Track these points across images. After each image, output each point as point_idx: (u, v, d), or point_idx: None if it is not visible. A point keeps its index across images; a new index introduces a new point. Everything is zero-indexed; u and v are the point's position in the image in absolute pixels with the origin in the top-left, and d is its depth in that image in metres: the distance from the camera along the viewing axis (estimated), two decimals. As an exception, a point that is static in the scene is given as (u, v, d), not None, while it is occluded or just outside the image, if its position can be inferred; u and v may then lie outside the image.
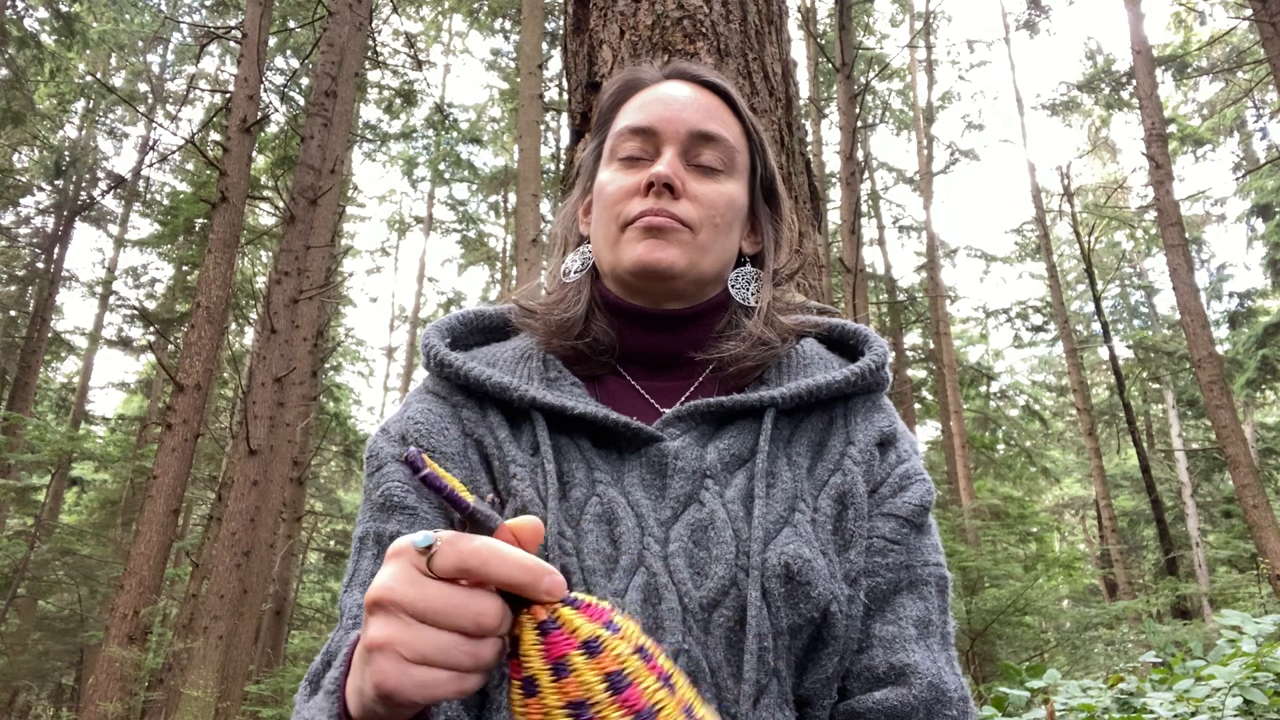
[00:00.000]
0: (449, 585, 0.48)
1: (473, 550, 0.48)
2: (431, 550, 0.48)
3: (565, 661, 0.47)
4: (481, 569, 0.47)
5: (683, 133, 0.87)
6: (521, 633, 0.48)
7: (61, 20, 15.14)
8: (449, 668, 0.48)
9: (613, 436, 0.81)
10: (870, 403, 0.88)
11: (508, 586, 0.48)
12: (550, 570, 0.49)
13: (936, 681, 0.75)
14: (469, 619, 0.48)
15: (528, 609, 0.49)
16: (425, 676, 0.47)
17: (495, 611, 0.48)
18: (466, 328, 0.95)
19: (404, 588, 0.48)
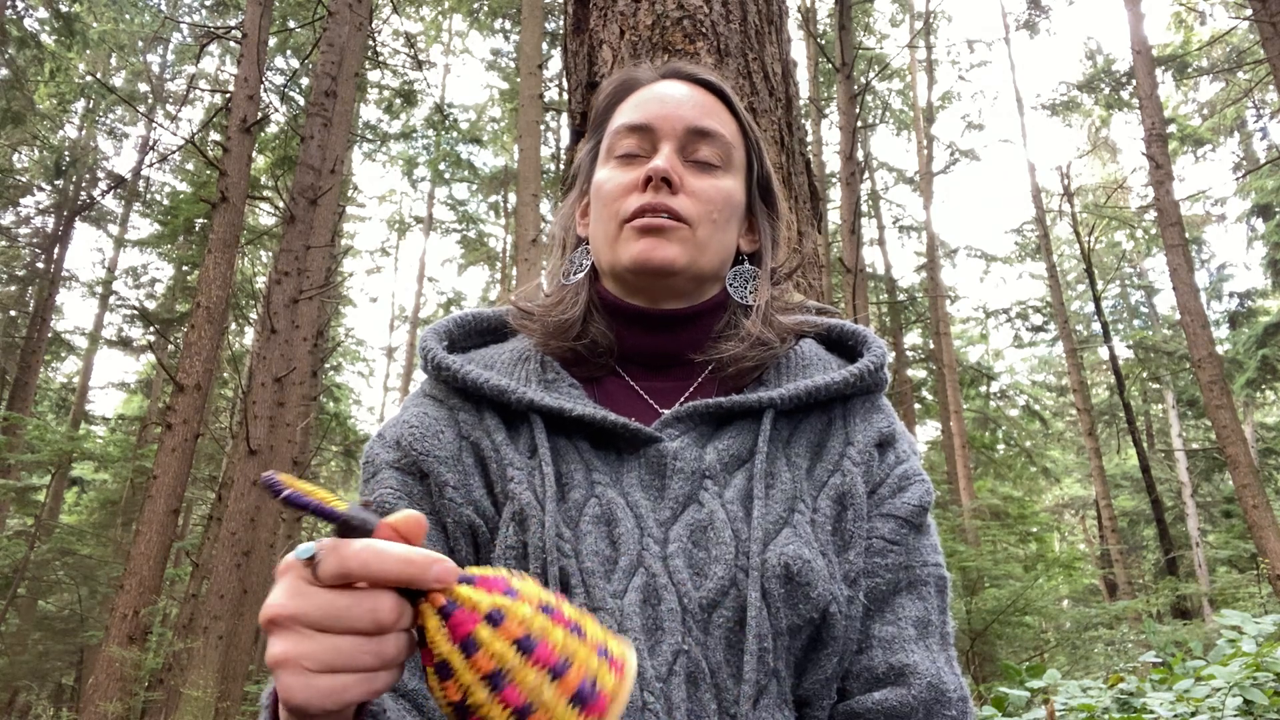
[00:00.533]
0: (339, 590, 0.48)
1: (353, 553, 0.48)
2: (315, 560, 0.49)
3: (472, 638, 0.48)
4: (363, 570, 0.48)
5: (679, 129, 0.87)
6: (425, 621, 0.49)
7: (61, 20, 15.14)
8: (354, 670, 0.48)
9: (611, 438, 0.81)
10: (869, 403, 0.88)
11: (393, 582, 0.48)
12: (437, 558, 0.49)
13: (936, 682, 0.75)
14: (364, 618, 0.48)
15: (425, 597, 0.49)
16: (331, 683, 0.47)
17: (390, 606, 0.48)
18: (464, 330, 0.94)
19: (294, 600, 0.48)
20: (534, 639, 0.48)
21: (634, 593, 0.73)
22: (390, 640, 0.49)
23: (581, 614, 0.52)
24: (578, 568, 0.74)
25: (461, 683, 0.48)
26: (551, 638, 0.49)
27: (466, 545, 0.78)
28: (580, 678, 0.48)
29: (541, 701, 0.47)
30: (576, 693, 0.48)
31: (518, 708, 0.47)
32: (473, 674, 0.48)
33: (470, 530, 0.78)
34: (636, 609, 0.72)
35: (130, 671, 7.71)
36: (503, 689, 0.47)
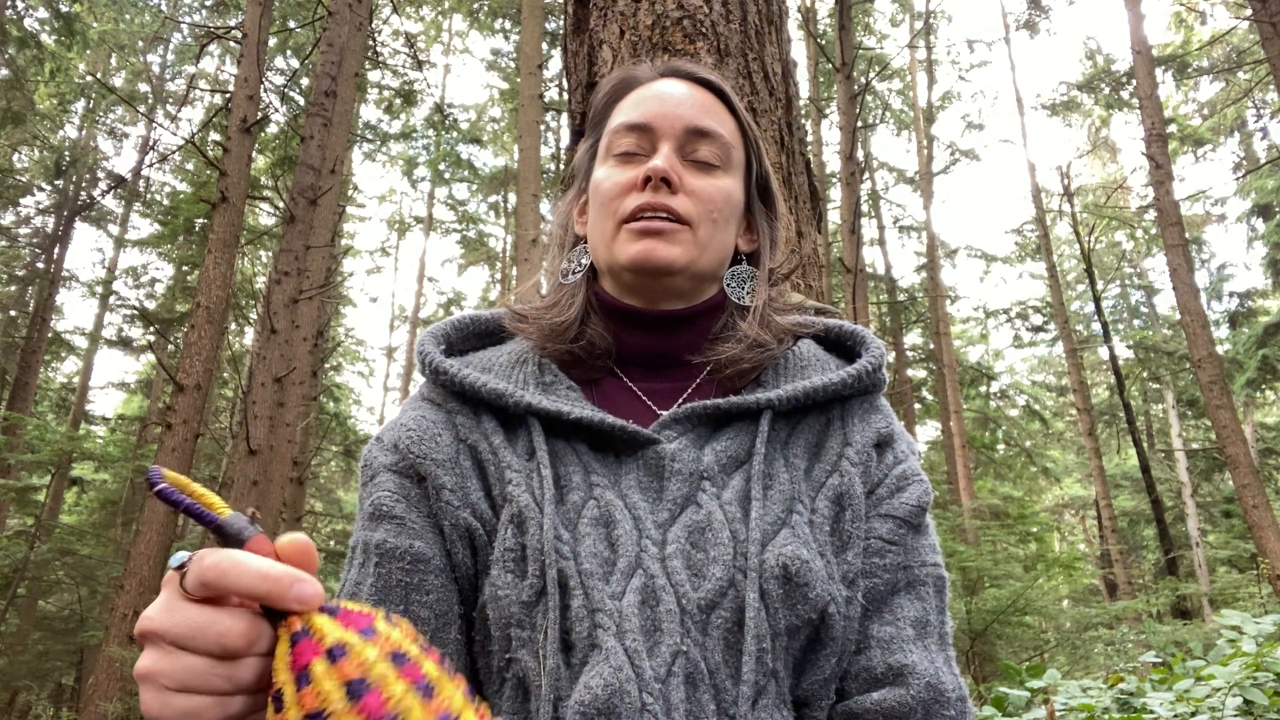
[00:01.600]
0: (200, 606, 0.47)
1: (211, 563, 0.46)
2: (183, 570, 0.47)
3: (307, 671, 0.45)
4: (219, 581, 0.46)
5: (678, 128, 0.87)
6: (278, 645, 0.47)
7: (61, 20, 15.14)
8: (207, 693, 0.46)
9: (609, 440, 0.81)
10: (867, 404, 0.88)
11: (249, 597, 0.46)
12: (302, 578, 0.47)
13: (934, 682, 0.75)
14: (212, 641, 0.46)
15: (285, 621, 0.47)
16: (184, 704, 0.46)
17: (239, 631, 0.46)
18: (462, 333, 0.94)
19: (160, 615, 0.47)
20: (368, 684, 0.45)
21: (632, 594, 0.73)
22: (245, 665, 0.47)
23: (445, 677, 0.49)
24: (576, 569, 0.74)
25: (288, 715, 0.45)
26: (388, 689, 0.45)
27: (464, 548, 0.78)
28: None
29: None
30: None
31: None
32: (297, 711, 0.45)
33: (468, 533, 0.78)
34: (635, 610, 0.72)
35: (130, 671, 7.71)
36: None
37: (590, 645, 0.71)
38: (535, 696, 0.71)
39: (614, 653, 0.69)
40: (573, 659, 0.71)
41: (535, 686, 0.71)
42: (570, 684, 0.70)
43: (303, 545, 0.49)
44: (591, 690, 0.68)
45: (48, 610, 16.44)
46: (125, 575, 8.01)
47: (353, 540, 0.81)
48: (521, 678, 0.73)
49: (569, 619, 0.72)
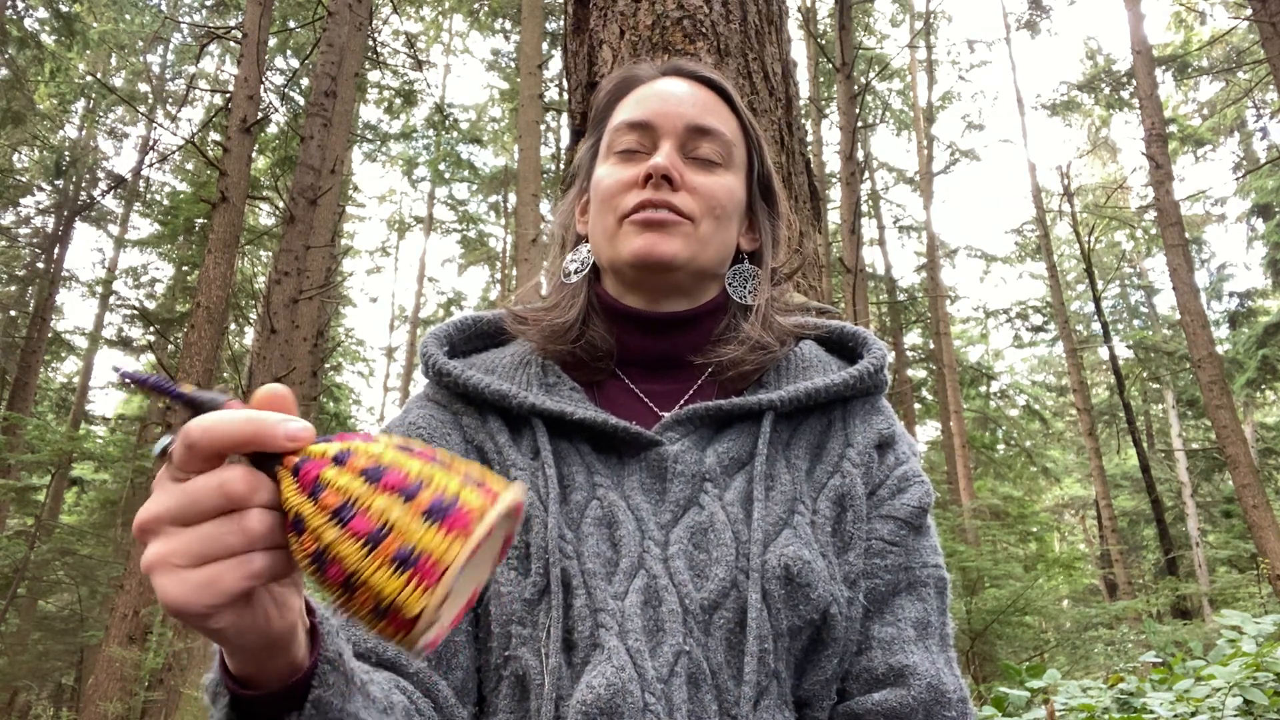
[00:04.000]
0: (194, 478, 0.45)
1: (195, 423, 0.45)
2: (168, 452, 0.46)
3: (318, 481, 0.44)
4: (205, 437, 0.44)
5: (680, 126, 0.87)
6: (281, 486, 0.46)
7: (61, 20, 15.13)
8: (223, 556, 0.44)
9: (612, 441, 0.81)
10: (869, 405, 0.88)
11: (241, 444, 0.45)
12: (288, 418, 0.46)
13: (935, 682, 0.75)
14: (214, 494, 0.44)
15: (281, 463, 0.46)
16: (203, 575, 0.44)
17: (238, 476, 0.45)
18: (464, 334, 0.95)
19: (155, 502, 0.46)
20: (383, 467, 0.45)
21: (635, 594, 0.73)
22: (253, 515, 0.45)
23: (456, 457, 0.48)
24: (579, 569, 0.74)
25: (312, 529, 0.44)
26: (405, 466, 0.45)
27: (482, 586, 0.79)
28: (436, 495, 0.44)
29: (392, 522, 0.43)
30: (431, 507, 0.44)
31: (368, 534, 0.43)
32: (321, 516, 0.44)
33: None
34: (638, 610, 0.72)
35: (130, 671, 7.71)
36: (350, 520, 0.43)
37: (593, 645, 0.71)
38: (535, 695, 0.71)
39: (616, 652, 0.70)
40: (574, 658, 0.72)
41: (535, 685, 0.71)
42: (572, 683, 0.70)
43: (279, 394, 0.48)
44: (594, 689, 0.68)
45: (48, 610, 16.44)
46: (125, 575, 8.01)
47: None
48: (521, 676, 0.73)
49: (571, 618, 0.72)
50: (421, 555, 0.43)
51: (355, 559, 0.43)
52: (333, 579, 0.44)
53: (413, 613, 0.43)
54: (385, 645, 0.71)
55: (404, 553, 0.43)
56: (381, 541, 0.43)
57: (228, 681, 0.53)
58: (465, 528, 0.44)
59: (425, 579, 0.43)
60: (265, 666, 0.51)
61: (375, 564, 0.43)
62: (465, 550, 0.44)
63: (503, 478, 0.49)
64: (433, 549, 0.43)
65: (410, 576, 0.43)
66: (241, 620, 0.46)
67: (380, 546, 0.43)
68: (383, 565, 0.43)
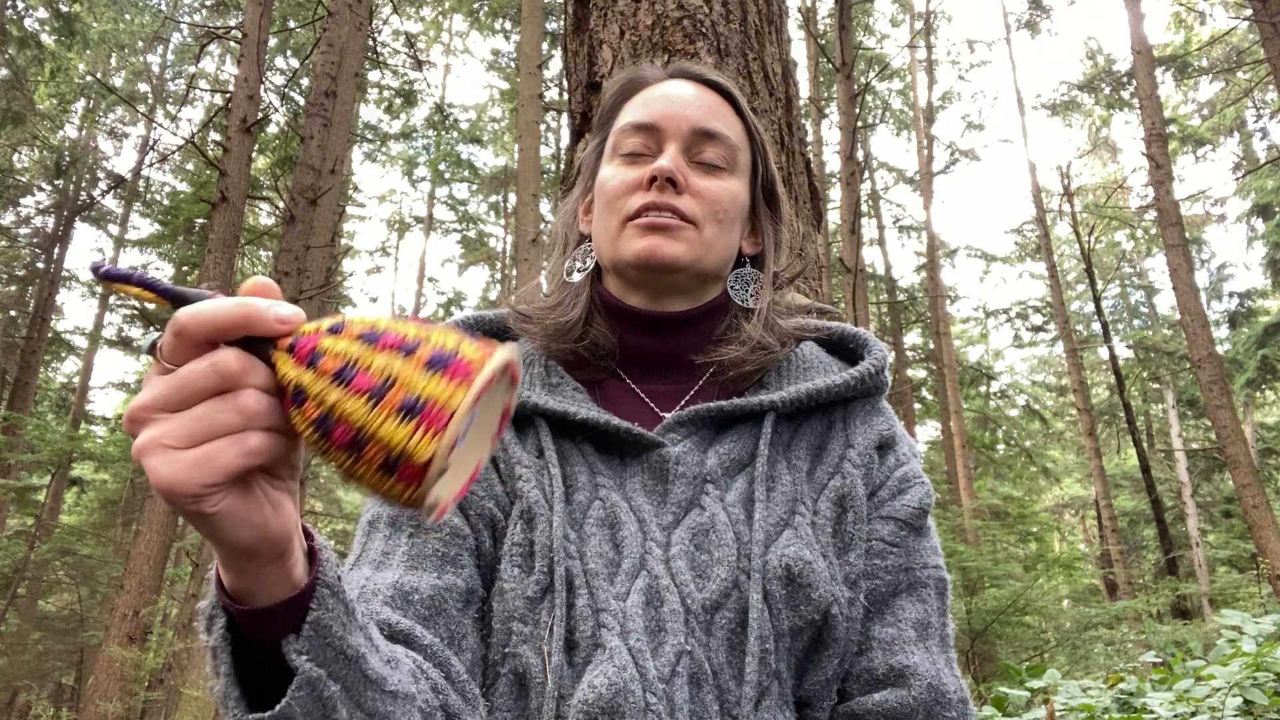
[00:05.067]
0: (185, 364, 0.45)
1: (183, 310, 0.44)
2: (157, 345, 0.46)
3: (316, 351, 0.44)
4: (194, 323, 0.44)
5: (685, 129, 0.87)
6: (277, 366, 0.45)
7: (61, 20, 15.13)
8: (219, 434, 0.44)
9: (615, 442, 0.82)
10: (869, 406, 0.88)
11: (231, 328, 0.44)
12: (278, 302, 0.46)
13: (935, 683, 0.75)
14: (207, 375, 0.44)
15: (274, 347, 0.46)
16: (198, 454, 0.43)
17: (230, 356, 0.44)
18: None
19: (145, 393, 0.45)
20: (379, 330, 0.45)
21: (637, 594, 0.73)
22: (248, 394, 0.44)
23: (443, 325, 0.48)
24: (582, 569, 0.74)
25: (314, 395, 0.44)
26: (401, 329, 0.45)
27: (488, 537, 0.79)
28: (435, 349, 0.45)
29: (394, 375, 0.43)
30: (432, 359, 0.44)
31: (372, 389, 0.43)
32: (322, 381, 0.44)
33: (491, 522, 0.79)
34: (639, 610, 0.72)
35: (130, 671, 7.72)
36: (352, 379, 0.43)
37: (594, 644, 0.71)
38: (535, 694, 0.72)
39: (618, 652, 0.70)
40: (576, 657, 0.72)
41: (535, 683, 0.72)
42: (573, 682, 0.71)
43: (266, 284, 0.47)
44: (596, 689, 0.68)
45: (48, 610, 16.45)
46: (125, 575, 8.01)
47: (370, 515, 0.81)
48: (520, 673, 0.73)
49: (573, 617, 0.73)
50: (427, 402, 0.43)
51: (361, 414, 0.43)
52: (339, 440, 0.44)
53: (424, 458, 0.43)
54: (397, 619, 0.70)
55: (409, 402, 0.43)
56: (386, 394, 0.43)
57: (224, 599, 0.51)
58: (468, 375, 0.44)
59: (433, 423, 0.43)
60: (261, 576, 0.50)
61: (381, 416, 0.43)
62: (470, 395, 0.44)
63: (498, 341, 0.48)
64: (437, 395, 0.43)
65: (418, 423, 0.43)
66: (235, 507, 0.45)
67: (385, 399, 0.43)
68: (389, 416, 0.43)
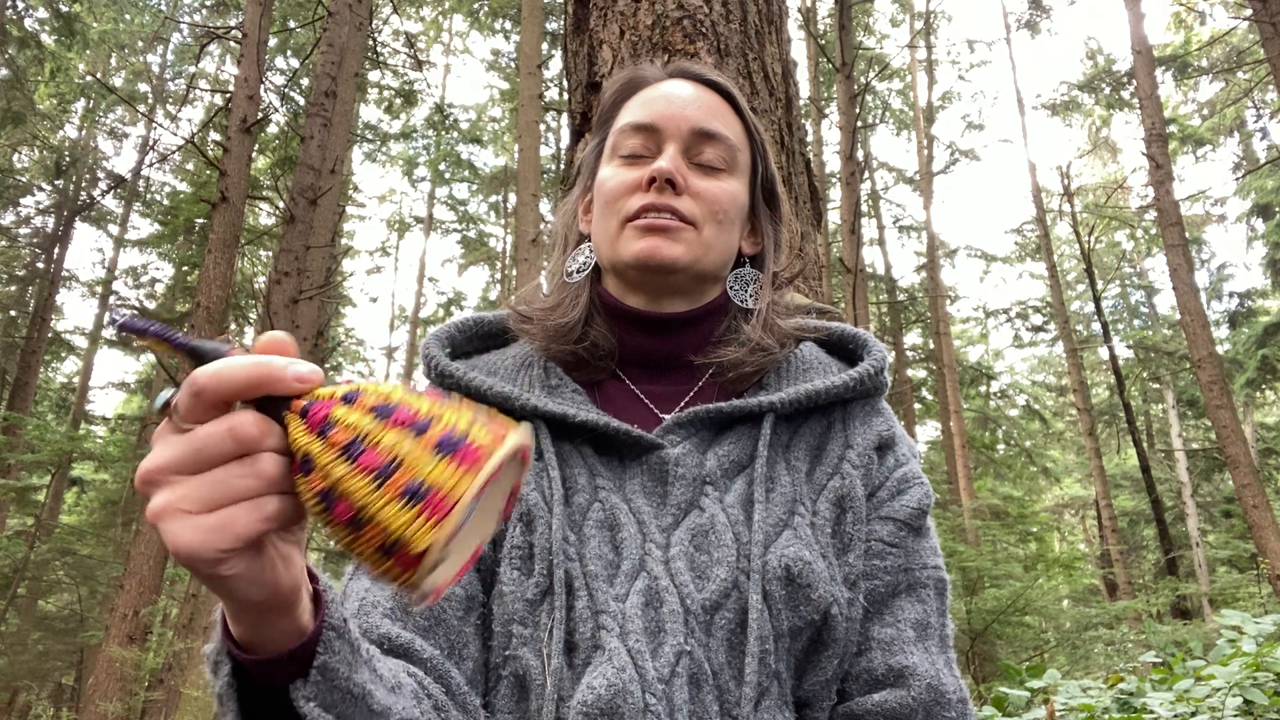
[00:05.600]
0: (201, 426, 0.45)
1: (201, 371, 0.44)
2: (172, 405, 0.45)
3: (328, 420, 0.44)
4: (212, 383, 0.44)
5: (685, 130, 0.87)
6: (289, 430, 0.45)
7: (61, 20, 15.13)
8: (237, 499, 0.44)
9: (614, 443, 0.82)
10: (869, 407, 0.88)
11: (249, 390, 0.44)
12: (295, 361, 0.46)
13: (935, 683, 0.75)
14: (225, 439, 0.44)
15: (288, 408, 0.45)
16: (216, 519, 0.43)
17: (249, 419, 0.44)
18: (466, 335, 0.95)
19: (160, 452, 0.45)
20: (392, 404, 0.44)
21: (636, 596, 0.73)
22: (266, 459, 0.45)
23: (464, 400, 0.48)
24: (581, 571, 0.74)
25: (321, 467, 0.43)
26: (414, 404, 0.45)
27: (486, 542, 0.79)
28: (446, 430, 0.44)
29: (401, 456, 0.43)
30: (441, 441, 0.43)
31: (378, 468, 0.43)
32: (330, 453, 0.43)
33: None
34: (638, 612, 0.72)
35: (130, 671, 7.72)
36: (359, 455, 0.43)
37: (594, 646, 0.71)
38: (535, 696, 0.72)
39: (617, 653, 0.70)
40: (576, 659, 0.72)
41: (535, 685, 0.72)
42: (573, 684, 0.71)
43: (282, 340, 0.47)
44: (595, 690, 0.68)
45: (48, 610, 16.45)
46: (125, 575, 8.01)
47: None
48: (520, 675, 0.73)
49: (573, 619, 0.73)
50: (431, 489, 0.42)
51: (364, 494, 0.43)
52: (340, 516, 0.43)
53: (420, 547, 0.42)
54: (397, 632, 0.70)
55: (413, 486, 0.42)
56: (391, 475, 0.42)
57: (230, 646, 0.52)
58: (475, 463, 0.43)
59: (435, 512, 0.42)
60: (270, 628, 0.50)
61: (384, 498, 0.42)
62: (476, 484, 0.43)
63: (511, 419, 0.48)
64: (442, 482, 0.43)
65: (420, 510, 0.42)
66: (251, 569, 0.45)
67: (390, 480, 0.42)
68: (392, 499, 0.42)
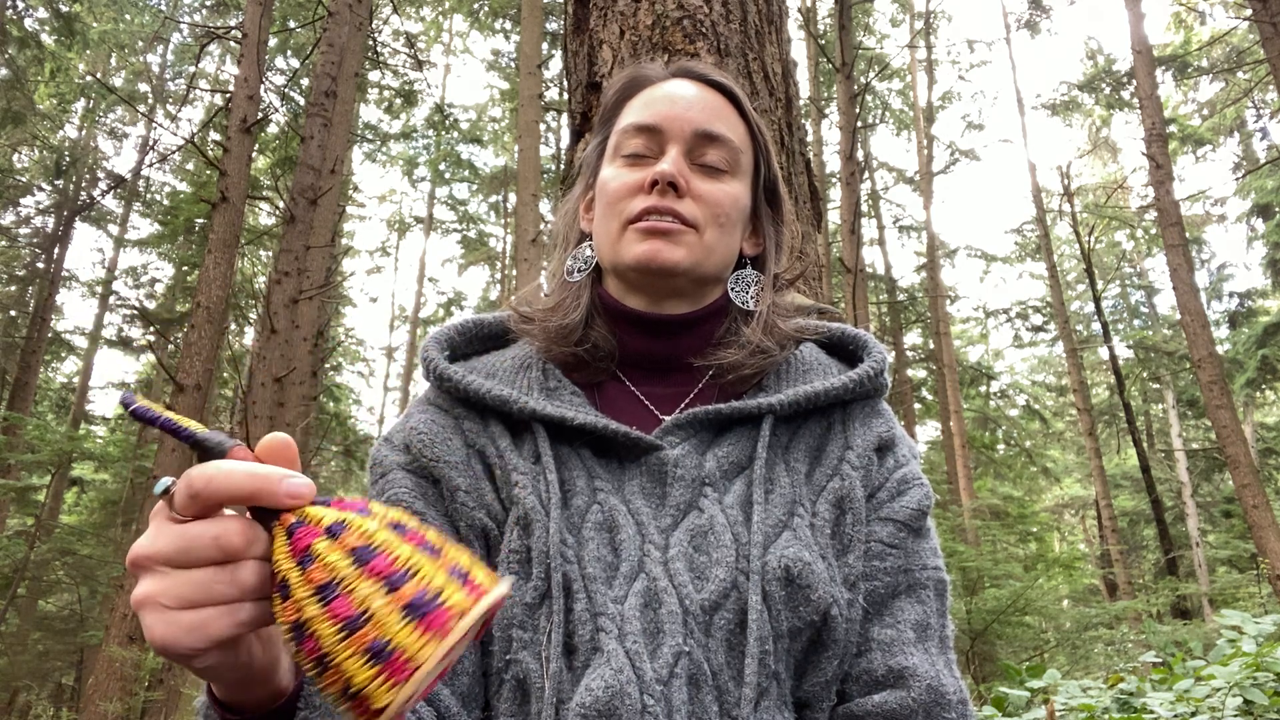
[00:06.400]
0: (193, 523, 0.46)
1: (199, 473, 0.46)
2: (171, 493, 0.47)
3: (309, 551, 0.45)
4: (208, 487, 0.45)
5: (687, 132, 0.86)
6: (274, 542, 0.47)
7: (61, 20, 15.13)
8: (214, 603, 0.46)
9: (613, 445, 0.81)
10: (869, 408, 0.88)
11: (242, 498, 0.46)
12: (290, 474, 0.47)
13: (935, 684, 0.75)
14: (210, 545, 0.46)
15: (278, 519, 0.47)
16: (192, 619, 0.45)
17: (236, 530, 0.46)
18: (465, 337, 0.94)
19: (151, 540, 0.47)
20: (373, 549, 0.45)
21: (634, 597, 0.73)
22: (246, 568, 0.46)
23: (447, 542, 0.49)
24: (580, 573, 0.74)
25: (296, 599, 0.45)
26: (394, 550, 0.46)
27: (480, 549, 0.79)
28: (419, 589, 0.45)
29: (372, 612, 0.44)
30: (411, 603, 0.44)
31: (347, 619, 0.44)
32: (306, 588, 0.45)
33: (483, 534, 0.79)
34: (637, 613, 0.72)
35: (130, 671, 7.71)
36: (333, 600, 0.44)
37: (592, 648, 0.71)
38: (535, 698, 0.72)
39: (615, 655, 0.70)
40: (575, 662, 0.72)
41: (535, 688, 0.72)
42: (572, 686, 0.71)
43: (283, 443, 0.49)
44: (592, 692, 0.68)
45: (48, 610, 16.44)
46: (125, 575, 8.01)
47: None
48: (521, 679, 0.73)
49: (572, 622, 0.73)
50: (395, 651, 0.44)
51: (331, 640, 0.44)
52: (307, 652, 0.45)
53: (379, 705, 0.44)
54: None
55: (378, 645, 0.44)
56: (359, 630, 0.44)
57: (215, 706, 0.55)
58: (442, 628, 0.44)
59: (395, 675, 0.43)
60: (249, 694, 0.53)
61: (349, 650, 0.44)
62: (439, 652, 0.44)
63: (488, 569, 0.50)
64: (407, 646, 0.44)
65: (381, 670, 0.43)
66: (225, 660, 0.48)
67: (356, 634, 0.44)
68: (356, 653, 0.44)
